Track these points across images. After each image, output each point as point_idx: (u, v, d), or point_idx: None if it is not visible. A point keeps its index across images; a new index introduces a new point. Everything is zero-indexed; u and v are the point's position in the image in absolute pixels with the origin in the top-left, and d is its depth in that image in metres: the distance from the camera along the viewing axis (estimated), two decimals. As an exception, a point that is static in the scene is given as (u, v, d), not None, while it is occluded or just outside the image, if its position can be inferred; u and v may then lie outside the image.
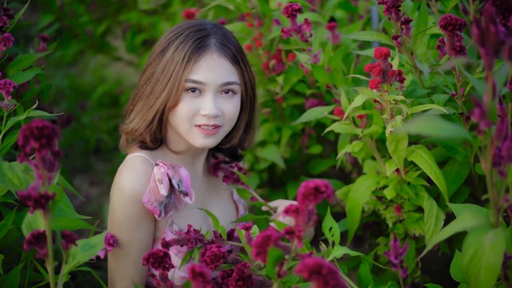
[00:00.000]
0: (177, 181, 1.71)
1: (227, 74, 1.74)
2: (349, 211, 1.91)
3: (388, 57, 1.67)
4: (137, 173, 1.71)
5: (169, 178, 1.70)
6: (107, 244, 1.64)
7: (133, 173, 1.71)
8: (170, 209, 1.74)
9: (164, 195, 1.68)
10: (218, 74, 1.72)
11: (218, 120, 1.73)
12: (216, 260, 1.43)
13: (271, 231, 1.23)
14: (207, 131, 1.73)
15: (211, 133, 1.74)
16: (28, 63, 1.97)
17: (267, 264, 1.21)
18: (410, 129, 1.12)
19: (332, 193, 1.18)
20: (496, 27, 1.02)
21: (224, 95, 1.75)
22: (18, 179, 1.23)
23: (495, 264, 1.12)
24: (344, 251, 1.56)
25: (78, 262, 1.26)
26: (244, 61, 1.80)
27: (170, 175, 1.70)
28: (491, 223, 1.19)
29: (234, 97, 1.77)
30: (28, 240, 1.20)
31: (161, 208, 1.70)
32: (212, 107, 1.71)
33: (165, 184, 1.69)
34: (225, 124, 1.77)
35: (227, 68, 1.74)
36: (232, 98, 1.76)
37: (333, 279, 1.04)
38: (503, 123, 1.08)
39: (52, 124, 3.07)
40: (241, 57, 1.78)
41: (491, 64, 1.05)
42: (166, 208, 1.72)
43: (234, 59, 1.75)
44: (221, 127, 1.76)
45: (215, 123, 1.73)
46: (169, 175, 1.70)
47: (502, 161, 1.10)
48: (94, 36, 4.00)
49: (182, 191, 1.71)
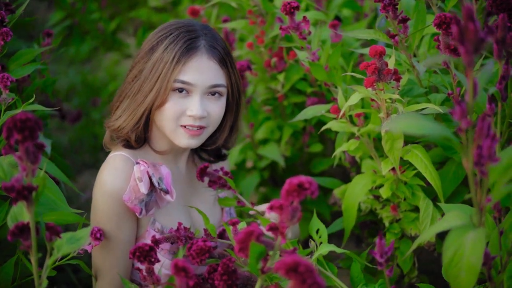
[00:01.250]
0: (157, 179, 1.72)
1: (216, 77, 1.74)
2: (346, 209, 1.91)
3: (383, 55, 1.66)
4: (118, 171, 1.73)
5: (149, 176, 1.71)
6: (94, 238, 1.65)
7: (114, 172, 1.73)
8: (151, 207, 1.74)
9: (144, 193, 1.69)
10: (206, 76, 1.73)
11: (203, 121, 1.74)
12: (202, 254, 1.43)
13: (254, 227, 1.23)
14: (192, 132, 1.74)
15: (196, 134, 1.74)
16: (29, 58, 1.98)
17: (249, 259, 1.21)
18: (392, 127, 1.12)
19: (316, 190, 1.18)
20: (475, 24, 1.01)
21: (211, 97, 1.75)
22: (2, 171, 1.24)
23: (476, 264, 1.11)
24: (330, 248, 1.55)
25: (63, 254, 1.27)
26: (231, 64, 1.80)
27: (150, 173, 1.71)
28: (474, 223, 1.18)
29: (220, 99, 1.78)
30: (11, 232, 1.21)
31: (142, 206, 1.71)
32: (199, 108, 1.71)
33: (145, 182, 1.70)
34: (210, 126, 1.78)
35: (215, 71, 1.74)
36: (218, 100, 1.77)
37: (311, 277, 1.03)
38: (483, 122, 1.07)
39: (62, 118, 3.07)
40: (229, 59, 1.79)
41: (471, 62, 1.04)
42: (147, 206, 1.72)
43: (222, 62, 1.76)
44: (206, 128, 1.77)
45: (200, 124, 1.74)
46: (149, 173, 1.71)
47: (483, 160, 1.09)
48: (106, 33, 4.03)
49: (163, 188, 1.72)
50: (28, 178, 1.19)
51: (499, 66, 1.38)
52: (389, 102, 1.72)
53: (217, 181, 1.72)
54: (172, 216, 1.81)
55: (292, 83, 2.32)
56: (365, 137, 1.89)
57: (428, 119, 1.11)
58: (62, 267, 2.60)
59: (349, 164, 2.15)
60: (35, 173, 1.20)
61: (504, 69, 1.38)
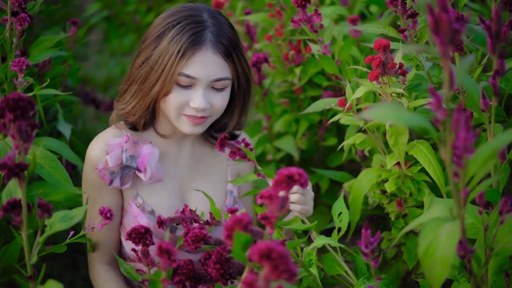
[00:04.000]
0: (128, 155, 1.79)
1: (220, 71, 1.75)
2: (352, 202, 1.92)
3: (387, 49, 1.66)
4: (101, 142, 1.82)
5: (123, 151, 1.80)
6: (104, 217, 1.70)
7: (99, 142, 1.83)
8: (127, 181, 1.82)
9: (110, 166, 1.77)
10: (211, 71, 1.74)
11: (206, 112, 1.77)
12: (197, 241, 1.46)
13: (243, 215, 1.25)
14: (195, 120, 1.77)
15: (199, 122, 1.77)
16: (48, 44, 2.04)
17: (234, 247, 1.22)
18: (371, 116, 1.13)
19: (306, 181, 1.19)
20: (448, 15, 1.01)
21: (215, 90, 1.77)
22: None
23: (449, 256, 1.11)
24: (325, 241, 1.56)
25: (55, 231, 1.32)
26: (238, 54, 1.80)
27: (124, 148, 1.79)
28: (453, 215, 1.18)
29: (224, 90, 1.79)
30: (3, 207, 1.25)
31: (112, 178, 1.79)
32: (202, 101, 1.73)
33: (114, 155, 1.77)
34: (213, 115, 1.80)
35: (220, 65, 1.75)
36: (222, 92, 1.78)
37: (283, 264, 1.03)
38: (459, 113, 1.07)
39: (97, 107, 3.14)
40: (235, 51, 1.79)
41: (446, 53, 1.04)
42: (122, 179, 1.81)
43: (227, 55, 1.76)
44: (209, 117, 1.80)
45: (203, 114, 1.76)
46: (123, 148, 1.79)
47: (458, 152, 1.09)
48: (141, 24, 4.09)
49: (131, 166, 1.79)
50: (21, 156, 1.24)
51: (494, 61, 1.37)
52: (395, 96, 1.72)
53: (237, 152, 1.74)
54: (160, 196, 1.86)
55: (309, 76, 2.33)
56: (373, 131, 1.89)
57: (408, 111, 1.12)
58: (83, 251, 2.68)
59: (360, 159, 2.15)
60: (28, 152, 1.25)
61: (499, 63, 1.37)
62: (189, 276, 1.46)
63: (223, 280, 1.40)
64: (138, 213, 1.84)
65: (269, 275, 1.04)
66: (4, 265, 1.66)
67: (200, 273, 1.51)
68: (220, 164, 1.99)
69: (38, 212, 1.30)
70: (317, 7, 2.48)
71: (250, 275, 1.07)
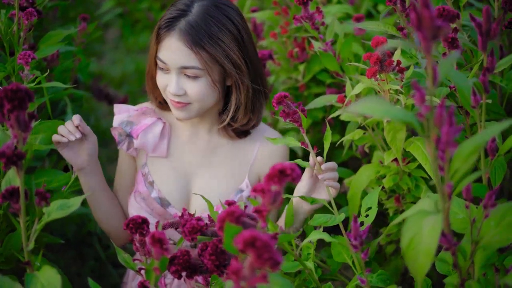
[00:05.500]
0: (124, 121, 1.94)
1: (184, 59, 1.78)
2: (350, 198, 1.94)
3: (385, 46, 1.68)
4: (129, 107, 2.01)
5: None
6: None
7: (127, 108, 2.01)
8: (130, 147, 1.98)
9: (114, 126, 1.95)
10: (176, 57, 1.79)
11: (182, 99, 1.82)
12: (194, 232, 1.50)
13: (235, 208, 1.28)
14: (176, 105, 1.84)
15: (179, 106, 1.84)
16: (57, 39, 2.08)
17: (225, 239, 1.25)
18: (356, 109, 1.15)
19: (298, 176, 1.21)
20: (430, 12, 1.03)
21: (188, 77, 1.81)
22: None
23: (432, 248, 1.13)
24: (319, 236, 1.58)
25: (52, 219, 1.36)
26: (216, 45, 1.79)
27: (126, 115, 1.94)
28: (438, 208, 1.20)
29: (197, 80, 1.80)
30: (2, 195, 1.30)
31: (120, 140, 1.97)
32: (174, 86, 1.81)
33: (118, 118, 1.97)
34: (194, 102, 1.84)
35: (184, 53, 1.78)
36: (195, 81, 1.81)
37: (267, 253, 1.06)
38: (442, 108, 1.09)
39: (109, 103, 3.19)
40: (210, 41, 1.78)
41: (429, 49, 1.06)
42: (129, 144, 1.97)
43: (195, 44, 1.77)
44: (190, 104, 1.84)
45: (179, 100, 1.83)
46: (129, 114, 1.95)
47: (441, 146, 1.11)
48: (155, 22, 4.12)
49: (125, 130, 1.95)
50: (19, 145, 1.28)
51: (484, 58, 1.39)
52: (393, 93, 1.74)
53: (290, 114, 1.71)
54: (164, 172, 1.98)
55: (313, 73, 2.35)
56: (373, 128, 1.91)
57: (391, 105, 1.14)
58: (91, 243, 2.73)
59: (360, 155, 2.18)
60: (26, 141, 1.29)
61: (489, 61, 1.39)
62: (185, 267, 1.49)
63: (218, 271, 1.42)
64: (140, 180, 1.97)
65: (253, 263, 1.07)
66: (7, 253, 1.70)
67: (197, 263, 1.55)
68: (235, 160, 2.01)
69: (36, 199, 1.34)
70: (324, 5, 2.51)
71: (236, 264, 1.10)
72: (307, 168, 1.83)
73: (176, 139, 2.01)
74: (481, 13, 1.45)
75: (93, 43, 4.73)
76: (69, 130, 1.80)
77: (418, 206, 1.28)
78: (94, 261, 2.74)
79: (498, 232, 1.24)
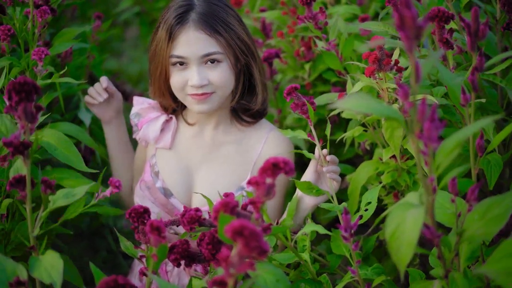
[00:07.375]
0: (135, 113, 2.10)
1: (205, 46, 1.86)
2: (350, 194, 1.98)
3: (383, 46, 1.73)
4: None
5: None
6: (114, 186, 1.80)
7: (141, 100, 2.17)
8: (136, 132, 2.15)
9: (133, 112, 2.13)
10: (196, 48, 1.85)
11: (206, 89, 1.89)
12: (192, 222, 1.55)
13: (230, 199, 1.33)
14: (198, 98, 1.89)
15: (202, 98, 1.90)
16: (70, 36, 2.16)
17: (218, 228, 1.30)
18: (344, 105, 1.21)
19: (291, 170, 1.26)
20: (412, 12, 1.08)
21: (209, 65, 1.88)
22: (5, 127, 1.41)
23: (414, 239, 1.17)
24: (314, 228, 1.63)
25: (57, 206, 1.43)
26: (227, 29, 1.89)
27: (139, 107, 2.09)
28: (421, 201, 1.25)
29: (219, 65, 1.89)
30: (9, 182, 1.37)
31: (135, 129, 2.15)
32: (197, 78, 1.86)
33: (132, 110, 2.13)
34: (217, 90, 1.91)
35: (204, 41, 1.86)
36: (217, 66, 1.89)
37: (255, 241, 1.10)
38: (424, 105, 1.14)
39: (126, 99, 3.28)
40: (224, 26, 1.89)
41: (411, 48, 1.11)
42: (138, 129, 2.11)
43: (213, 30, 1.86)
44: (214, 94, 1.91)
45: (203, 91, 1.88)
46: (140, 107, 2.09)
47: (424, 141, 1.16)
48: (172, 22, 4.18)
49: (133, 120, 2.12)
50: (26, 136, 1.35)
51: (473, 58, 1.44)
52: (391, 92, 1.79)
53: (299, 106, 1.80)
54: (169, 164, 2.06)
55: (319, 72, 2.40)
56: (373, 125, 1.96)
57: (378, 101, 1.20)
58: (103, 235, 2.80)
59: (362, 152, 2.22)
60: (33, 132, 1.36)
61: (478, 60, 1.43)
62: (184, 255, 1.55)
63: (215, 260, 1.49)
64: (147, 170, 2.07)
65: (241, 251, 1.12)
66: (18, 241, 1.78)
67: (195, 252, 1.61)
68: (239, 158, 2.06)
69: (41, 187, 1.41)
70: (332, 6, 2.56)
71: (225, 251, 1.15)
72: (312, 162, 1.90)
73: (183, 134, 2.08)
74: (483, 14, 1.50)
75: (113, 41, 4.80)
76: (98, 91, 2.11)
77: (406, 199, 1.33)
78: (106, 252, 2.81)
79: (482, 226, 1.28)
